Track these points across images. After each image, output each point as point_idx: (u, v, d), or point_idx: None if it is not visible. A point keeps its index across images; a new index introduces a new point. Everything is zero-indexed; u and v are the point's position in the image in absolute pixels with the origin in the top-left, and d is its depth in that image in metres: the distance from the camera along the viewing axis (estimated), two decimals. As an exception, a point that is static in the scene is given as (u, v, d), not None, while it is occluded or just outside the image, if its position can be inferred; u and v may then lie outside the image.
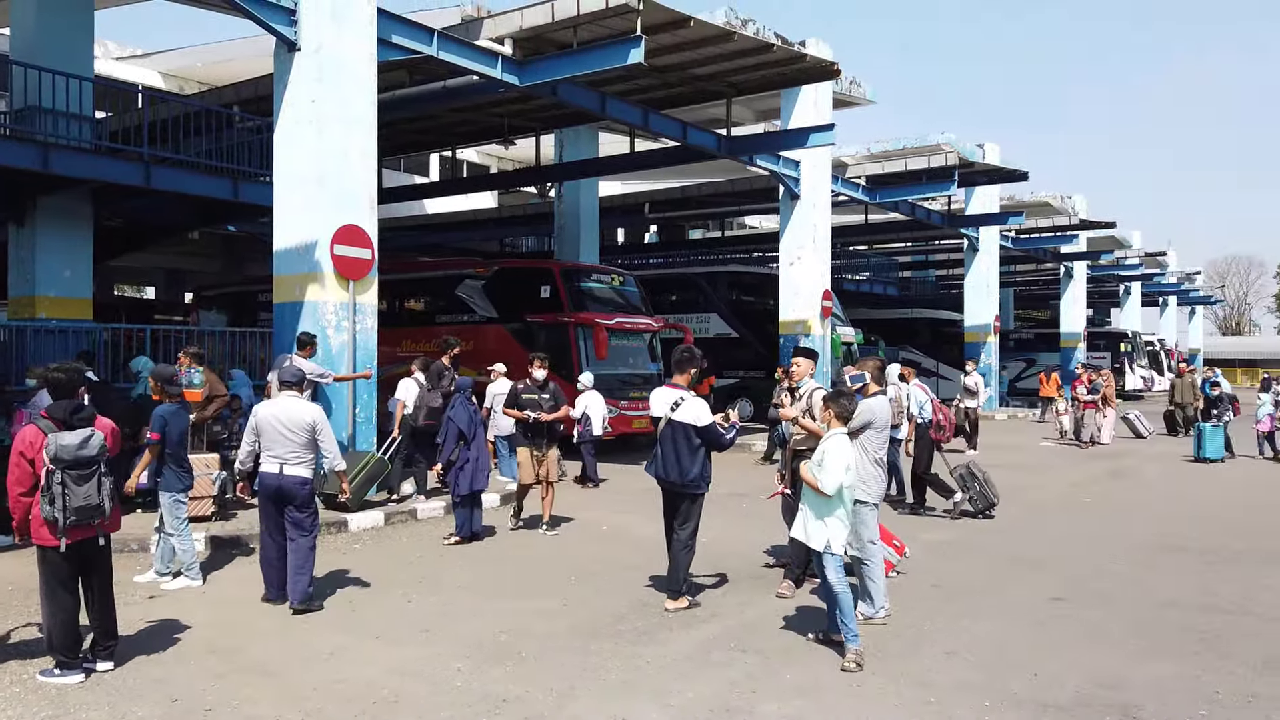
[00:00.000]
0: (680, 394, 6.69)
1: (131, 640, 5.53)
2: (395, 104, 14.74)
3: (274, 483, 6.47)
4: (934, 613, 6.38)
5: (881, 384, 6.56)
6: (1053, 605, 6.64)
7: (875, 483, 6.29)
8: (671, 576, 6.67)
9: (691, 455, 6.52)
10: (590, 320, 16.56)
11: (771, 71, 17.26)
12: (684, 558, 6.61)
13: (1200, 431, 15.92)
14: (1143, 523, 10.11)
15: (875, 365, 6.57)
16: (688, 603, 6.50)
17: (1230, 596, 6.89)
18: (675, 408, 6.63)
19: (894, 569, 7.23)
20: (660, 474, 6.63)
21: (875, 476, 6.28)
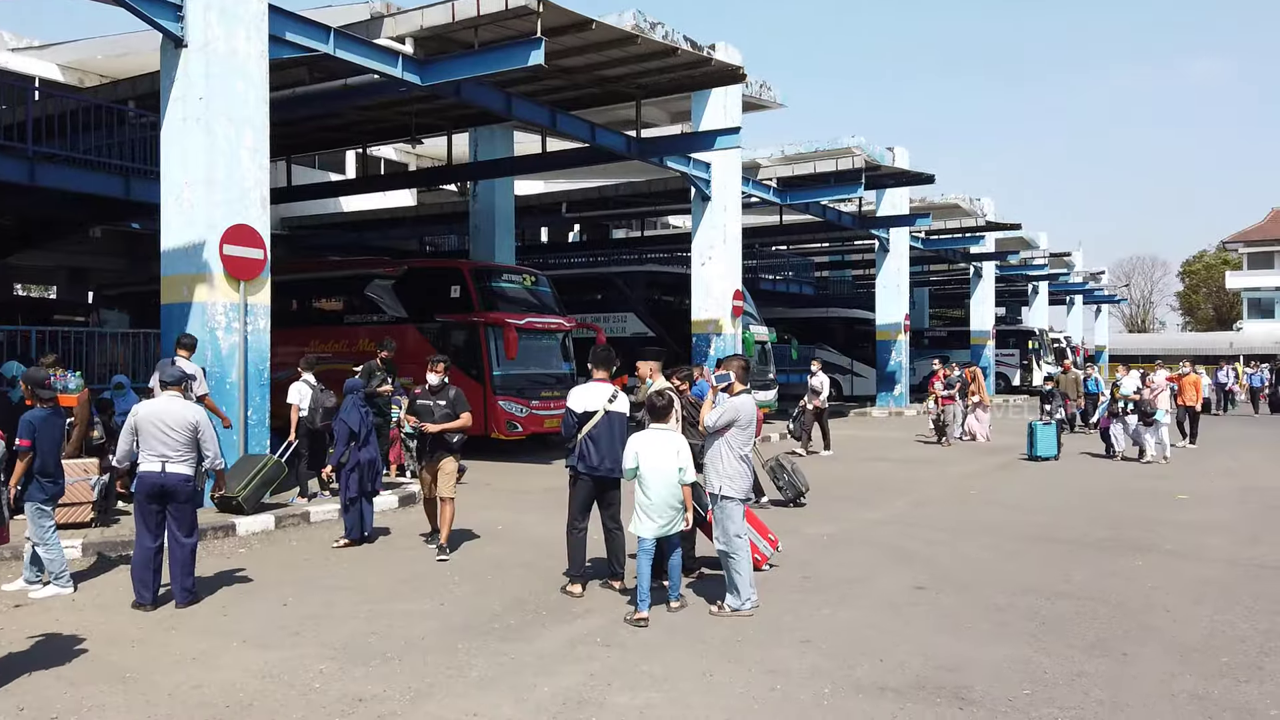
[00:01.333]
0: (613, 388, 7.02)
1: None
2: (294, 102, 14.54)
3: (156, 480, 6.47)
4: (800, 603, 6.61)
5: (746, 383, 6.73)
6: (914, 593, 6.93)
7: (740, 479, 6.44)
8: (620, 559, 7.05)
9: (623, 445, 6.88)
10: (500, 320, 16.55)
11: (679, 74, 17.47)
12: (621, 538, 7.08)
13: (1032, 429, 15.83)
14: (1022, 514, 10.57)
15: (739, 365, 6.74)
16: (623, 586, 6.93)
17: (1082, 583, 7.28)
18: (612, 400, 6.95)
19: (767, 562, 7.46)
20: (595, 465, 6.91)
21: (740, 473, 6.43)
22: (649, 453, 6.55)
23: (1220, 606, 6.57)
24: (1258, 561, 8.01)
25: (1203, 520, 10.10)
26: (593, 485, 6.95)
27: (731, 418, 6.42)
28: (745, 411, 6.49)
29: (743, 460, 6.47)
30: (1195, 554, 8.35)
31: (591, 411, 6.91)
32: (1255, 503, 11.38)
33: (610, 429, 6.94)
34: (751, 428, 6.54)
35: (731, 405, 6.48)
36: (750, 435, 6.54)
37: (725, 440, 6.43)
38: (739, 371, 6.72)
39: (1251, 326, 62.70)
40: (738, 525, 6.42)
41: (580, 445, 6.89)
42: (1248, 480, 13.46)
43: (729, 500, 6.40)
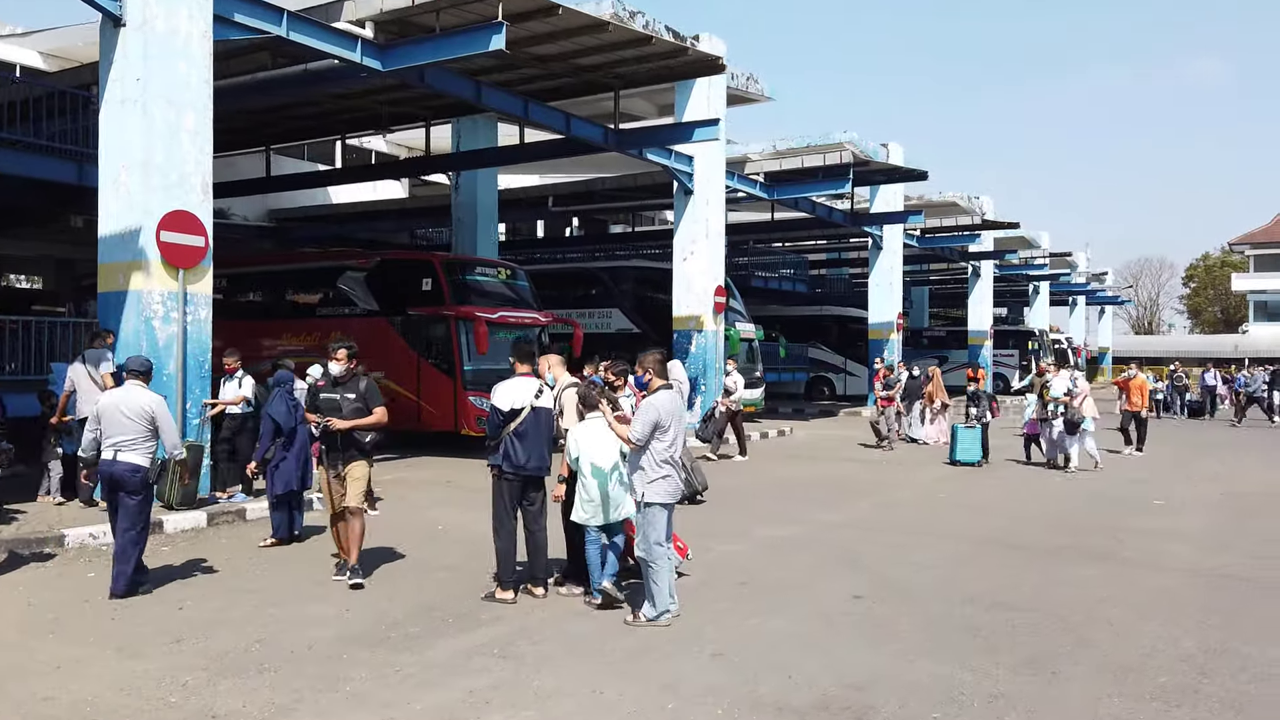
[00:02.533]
0: (538, 383, 6.69)
1: None
2: (255, 88, 14.22)
3: (107, 469, 6.58)
4: (727, 613, 6.24)
5: (665, 378, 6.32)
6: (851, 603, 6.56)
7: (665, 483, 6.03)
8: (542, 563, 6.73)
9: (550, 441, 6.72)
10: (471, 314, 16.19)
11: (657, 64, 17.12)
12: (544, 541, 6.75)
13: (954, 433, 15.13)
14: (986, 518, 10.18)
15: (655, 359, 6.30)
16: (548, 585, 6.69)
17: (1029, 593, 6.89)
18: (539, 396, 6.69)
19: None
20: (521, 464, 6.58)
21: (665, 477, 6.01)
22: (590, 442, 6.47)
23: (1168, 621, 6.18)
24: (1220, 572, 7.61)
25: (1172, 527, 9.70)
26: (518, 485, 6.59)
27: (654, 419, 6.01)
28: (665, 409, 6.07)
29: (667, 463, 6.04)
30: (1156, 562, 7.95)
31: (518, 409, 6.54)
32: (1233, 509, 10.97)
33: (537, 426, 6.59)
34: (675, 426, 6.12)
35: (650, 406, 6.07)
36: (675, 434, 6.12)
37: (652, 442, 6.02)
38: (655, 367, 6.31)
39: (1257, 329, 62.00)
40: (659, 533, 6.03)
41: (505, 443, 6.53)
42: (1231, 485, 13.04)
43: (650, 506, 6.02)
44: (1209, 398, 25.20)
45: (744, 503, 11.12)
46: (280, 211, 30.49)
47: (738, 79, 21.02)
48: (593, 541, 6.49)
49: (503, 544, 6.56)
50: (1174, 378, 26.25)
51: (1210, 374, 25.35)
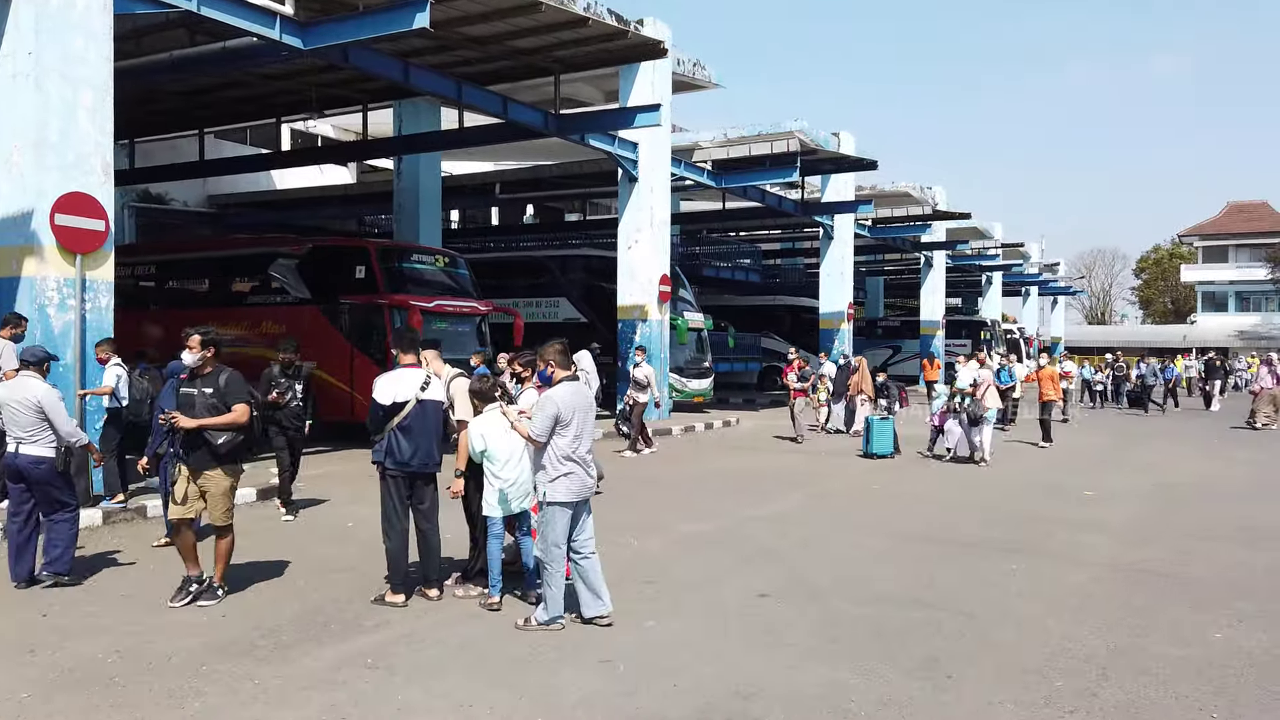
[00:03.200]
0: (424, 374, 6.33)
1: None
2: (171, 66, 13.65)
3: (11, 462, 6.57)
4: (624, 614, 5.96)
5: (569, 369, 6.03)
6: (756, 602, 6.32)
7: (567, 481, 5.67)
8: (434, 564, 6.41)
9: (439, 436, 6.41)
10: (404, 302, 15.75)
11: (596, 48, 16.79)
12: (437, 540, 6.44)
13: (869, 425, 14.59)
14: (917, 509, 10.03)
15: (556, 350, 6.01)
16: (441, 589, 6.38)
17: (943, 589, 6.71)
18: (425, 388, 6.30)
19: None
20: (405, 460, 6.24)
21: (566, 474, 5.66)
22: (494, 433, 6.17)
23: (1079, 619, 6.03)
24: (1140, 566, 7.49)
25: (1100, 519, 9.61)
26: (404, 482, 6.27)
27: (552, 414, 5.67)
28: (565, 403, 5.73)
29: (570, 460, 5.67)
30: (1077, 556, 7.82)
31: (402, 402, 6.20)
32: (1162, 500, 10.93)
33: (424, 419, 6.26)
34: (578, 420, 5.74)
35: (548, 400, 5.75)
36: (578, 430, 5.75)
37: (555, 436, 5.70)
38: (557, 358, 6.00)
39: (1205, 319, 63.13)
40: (558, 534, 5.69)
41: (388, 438, 6.20)
42: (1164, 476, 13.03)
43: (552, 506, 5.69)
44: (1145, 387, 25.38)
45: (673, 496, 10.89)
46: (221, 197, 29.73)
47: (684, 65, 20.73)
48: (495, 537, 6.22)
49: (392, 544, 6.23)
50: (1114, 367, 26.34)
51: (1146, 364, 25.56)
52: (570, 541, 5.77)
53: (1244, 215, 62.62)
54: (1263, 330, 58.95)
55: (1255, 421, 19.95)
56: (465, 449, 6.32)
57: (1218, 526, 9.24)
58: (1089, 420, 22.33)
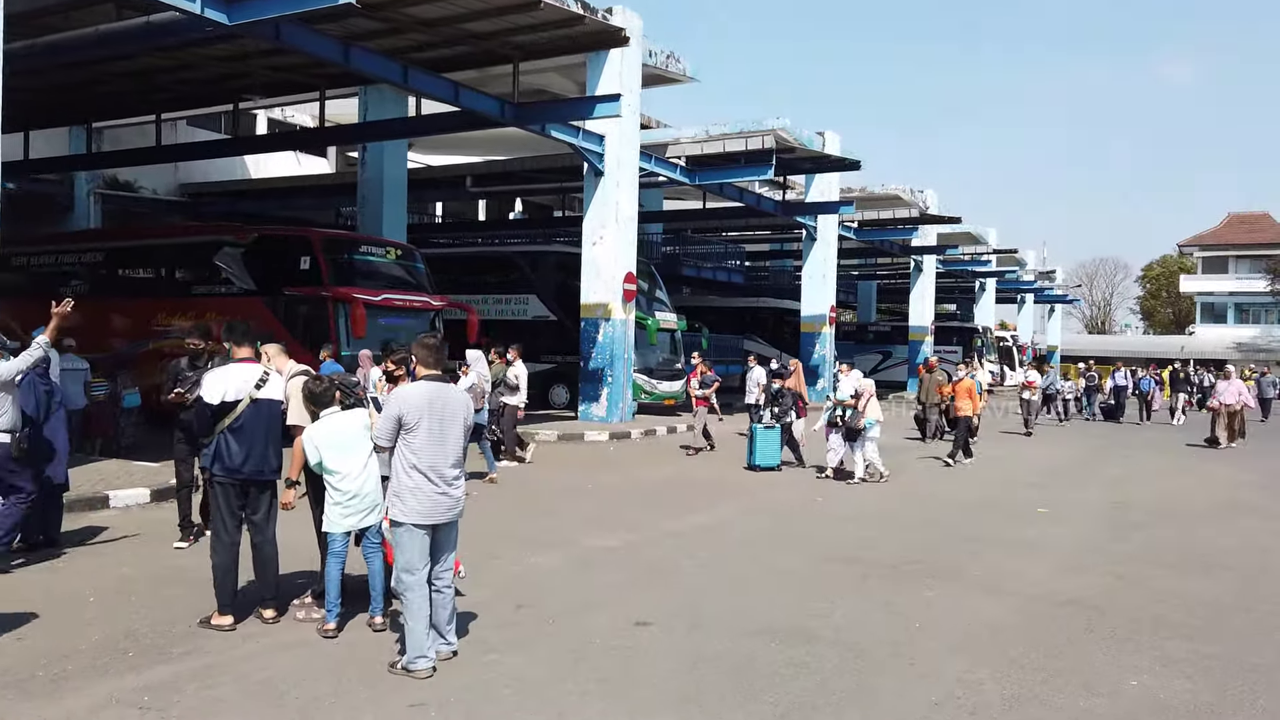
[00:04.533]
0: (260, 370, 5.67)
1: None
2: (96, 42, 12.99)
3: None
4: (476, 646, 5.34)
5: (438, 367, 5.15)
6: (630, 632, 5.69)
7: (412, 498, 4.86)
8: (271, 581, 5.78)
9: (277, 439, 5.77)
10: (347, 295, 15.15)
11: (555, 34, 16.16)
12: (273, 554, 5.82)
13: (752, 434, 13.42)
14: (850, 526, 9.38)
15: (423, 345, 5.18)
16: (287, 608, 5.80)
17: (840, 620, 6.06)
18: (261, 385, 5.61)
19: None
20: (236, 466, 5.60)
21: (412, 489, 4.87)
22: (332, 441, 5.51)
23: (980, 659, 5.38)
24: (1065, 596, 6.84)
25: (1042, 539, 8.96)
26: (235, 490, 5.64)
27: (394, 415, 4.92)
28: (414, 404, 4.91)
29: (418, 472, 4.89)
30: (1001, 584, 7.17)
31: (233, 401, 5.57)
32: (1115, 520, 10.26)
33: (258, 420, 5.63)
34: (430, 425, 4.91)
35: (393, 400, 5.03)
36: (432, 436, 4.91)
37: (400, 445, 4.96)
38: (422, 354, 5.18)
39: (1204, 331, 62.36)
40: (408, 558, 4.90)
41: (217, 442, 5.56)
42: (1126, 492, 12.38)
43: (399, 526, 4.94)
44: (1119, 398, 24.53)
45: (595, 506, 10.28)
46: (193, 186, 29.16)
47: (656, 57, 20.12)
48: (335, 555, 5.56)
49: (218, 560, 5.60)
50: (1087, 377, 25.42)
51: (1121, 374, 24.69)
52: (435, 567, 5.03)
53: (1245, 226, 61.85)
54: (1262, 343, 58.17)
55: (1218, 439, 18.36)
56: (299, 456, 5.67)
57: (1166, 551, 8.59)
58: (1058, 432, 21.67)
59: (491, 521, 9.17)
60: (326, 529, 5.58)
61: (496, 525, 8.98)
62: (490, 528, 8.82)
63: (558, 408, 21.76)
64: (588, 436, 16.95)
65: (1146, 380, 24.00)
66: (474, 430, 12.15)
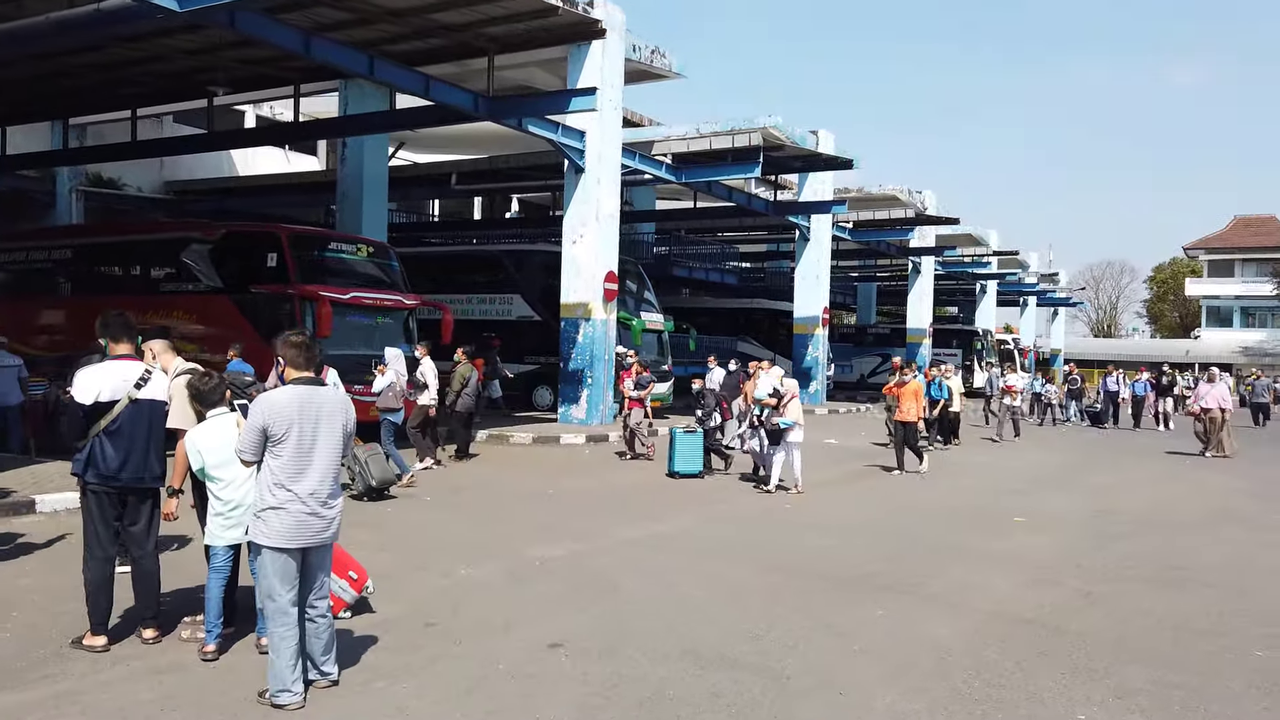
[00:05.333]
0: (141, 367, 5.22)
1: None
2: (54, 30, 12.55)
3: None
4: (367, 669, 4.89)
5: (308, 368, 4.62)
6: (540, 656, 5.23)
7: (275, 517, 4.37)
8: (151, 599, 5.31)
9: (160, 443, 5.30)
10: (314, 293, 14.73)
11: (530, 25, 15.76)
12: (153, 568, 5.35)
13: (672, 439, 12.52)
14: (812, 535, 8.90)
15: (287, 343, 4.60)
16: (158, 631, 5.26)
17: (774, 641, 5.59)
18: (142, 384, 5.14)
19: (345, 608, 5.70)
20: (112, 473, 5.13)
21: (275, 508, 4.37)
22: (215, 445, 5.04)
23: (918, 686, 4.91)
24: (1028, 615, 6.35)
25: (1014, 551, 8.47)
26: (113, 499, 5.20)
27: (258, 425, 4.41)
28: (280, 412, 4.41)
29: (283, 489, 4.40)
30: (961, 600, 6.69)
31: (108, 401, 5.12)
32: (1096, 530, 9.75)
33: (138, 423, 5.17)
34: (301, 435, 4.41)
35: (256, 407, 4.50)
36: (302, 448, 4.42)
37: (266, 458, 4.47)
38: (288, 353, 4.66)
39: (1209, 334, 61.65)
40: (270, 583, 4.41)
41: (92, 446, 5.11)
42: (1111, 501, 11.87)
43: (258, 548, 4.48)
44: (1110, 404, 23.81)
45: (551, 512, 9.82)
46: (178, 183, 28.82)
47: (640, 51, 19.66)
48: (216, 571, 5.11)
49: (91, 574, 5.14)
50: (1069, 380, 24.58)
51: (1112, 378, 24.00)
52: (307, 594, 4.55)
53: (1251, 229, 61.11)
54: (1268, 346, 57.46)
55: (1208, 447, 17.48)
56: (182, 461, 5.23)
57: (1144, 563, 8.09)
58: (1047, 437, 21.15)
59: (435, 529, 8.76)
60: (208, 541, 5.13)
61: (439, 533, 8.56)
62: (431, 536, 8.41)
63: (541, 409, 21.35)
64: (564, 439, 16.49)
65: (1141, 384, 23.27)
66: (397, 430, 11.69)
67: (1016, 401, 19.68)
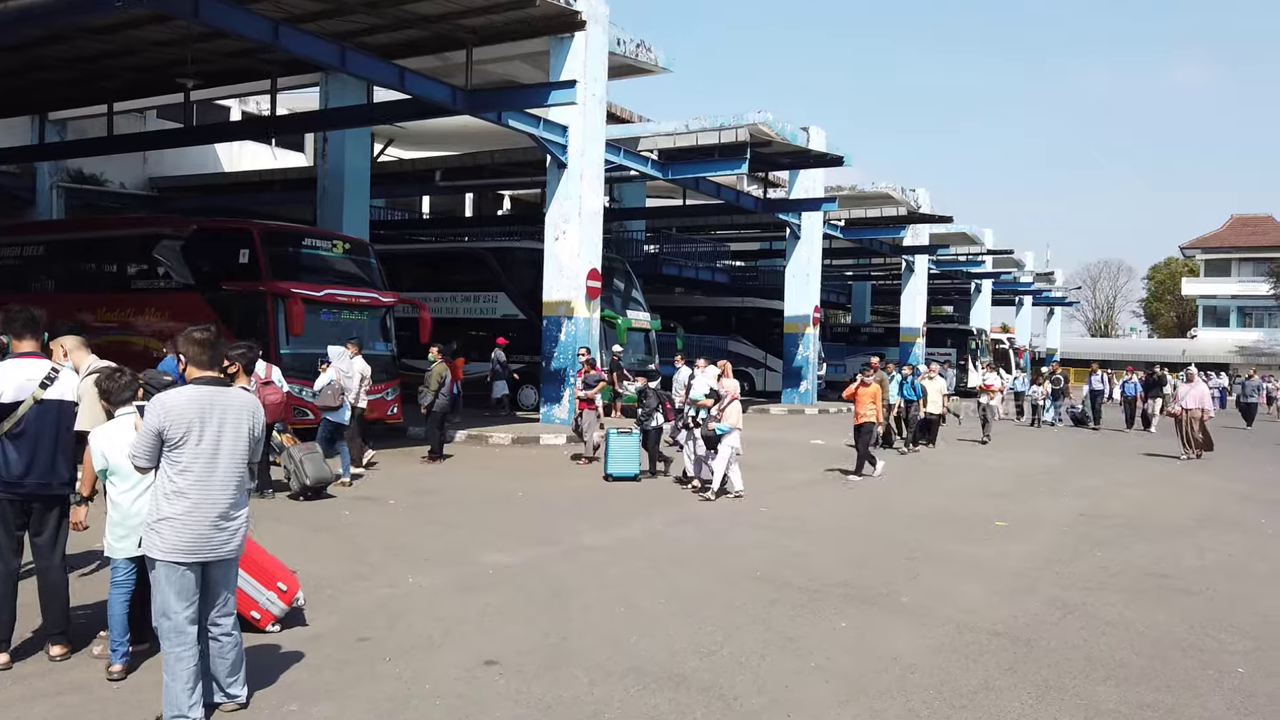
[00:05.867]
0: (48, 365, 4.89)
1: None
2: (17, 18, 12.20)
3: None
4: (284, 690, 4.57)
5: (213, 367, 4.29)
6: (474, 674, 4.90)
7: (168, 529, 4.00)
8: (58, 613, 4.96)
9: (69, 447, 4.94)
10: (285, 290, 14.41)
11: (509, 16, 15.46)
12: (61, 580, 5.01)
13: (607, 440, 11.97)
14: (783, 540, 8.58)
15: (189, 339, 4.26)
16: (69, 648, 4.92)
17: (728, 656, 5.27)
18: (48, 384, 4.81)
19: (273, 621, 5.38)
20: (16, 478, 4.78)
21: (167, 519, 4.02)
22: (117, 446, 4.67)
23: (873, 708, 4.59)
24: (999, 627, 6.03)
25: (990, 557, 8.15)
26: (16, 507, 4.86)
27: (154, 428, 4.03)
28: (177, 414, 4.03)
29: (181, 497, 4.02)
30: (931, 611, 6.36)
31: (10, 403, 4.76)
32: (1079, 535, 9.43)
33: (44, 425, 4.82)
34: (200, 440, 4.06)
35: (151, 407, 4.10)
36: (201, 453, 4.07)
37: (163, 464, 4.10)
38: (191, 350, 4.29)
39: (1206, 334, 61.34)
40: (167, 600, 4.04)
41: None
42: (1096, 504, 11.55)
43: (152, 561, 4.10)
44: (1094, 403, 23.31)
45: (517, 516, 9.51)
46: (162, 179, 28.50)
47: (624, 45, 19.30)
48: (119, 585, 4.75)
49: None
50: (1052, 380, 24.08)
51: (1097, 376, 23.55)
52: (210, 611, 4.21)
53: (1248, 229, 60.80)
54: (1264, 346, 57.15)
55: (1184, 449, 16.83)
56: (90, 466, 4.89)
57: (1125, 571, 7.77)
58: (1034, 439, 20.86)
59: (392, 534, 8.43)
60: (107, 554, 4.80)
61: (395, 538, 8.22)
62: (386, 541, 8.09)
63: (527, 409, 21.03)
64: (544, 440, 16.17)
65: (1132, 384, 22.82)
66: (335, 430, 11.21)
67: (994, 400, 19.31)
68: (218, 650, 4.20)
